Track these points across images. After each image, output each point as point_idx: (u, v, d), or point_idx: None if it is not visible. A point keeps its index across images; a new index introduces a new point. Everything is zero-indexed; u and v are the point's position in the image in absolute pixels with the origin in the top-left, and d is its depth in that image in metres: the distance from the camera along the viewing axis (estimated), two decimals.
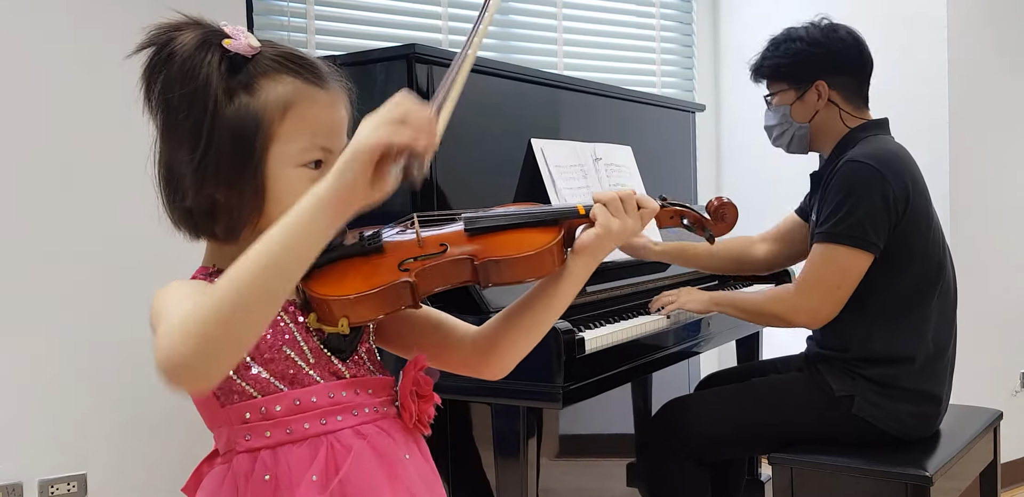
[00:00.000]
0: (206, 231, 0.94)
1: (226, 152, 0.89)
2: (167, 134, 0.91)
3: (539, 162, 1.99)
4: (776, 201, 3.26)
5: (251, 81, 0.90)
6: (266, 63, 0.92)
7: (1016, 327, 3.06)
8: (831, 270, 1.82)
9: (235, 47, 0.91)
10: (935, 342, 1.89)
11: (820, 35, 1.98)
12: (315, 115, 0.92)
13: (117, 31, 2.05)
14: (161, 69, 0.90)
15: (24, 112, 1.94)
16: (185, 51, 0.90)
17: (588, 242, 0.97)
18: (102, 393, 2.04)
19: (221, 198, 0.90)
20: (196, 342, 0.72)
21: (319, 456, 0.90)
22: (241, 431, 0.91)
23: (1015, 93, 3.03)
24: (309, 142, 0.91)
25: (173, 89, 0.89)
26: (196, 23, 0.93)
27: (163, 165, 0.93)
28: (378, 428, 0.95)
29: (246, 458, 0.91)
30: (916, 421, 1.88)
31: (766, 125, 2.11)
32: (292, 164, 0.91)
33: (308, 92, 0.92)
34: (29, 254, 1.95)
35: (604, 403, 2.27)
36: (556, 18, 3.04)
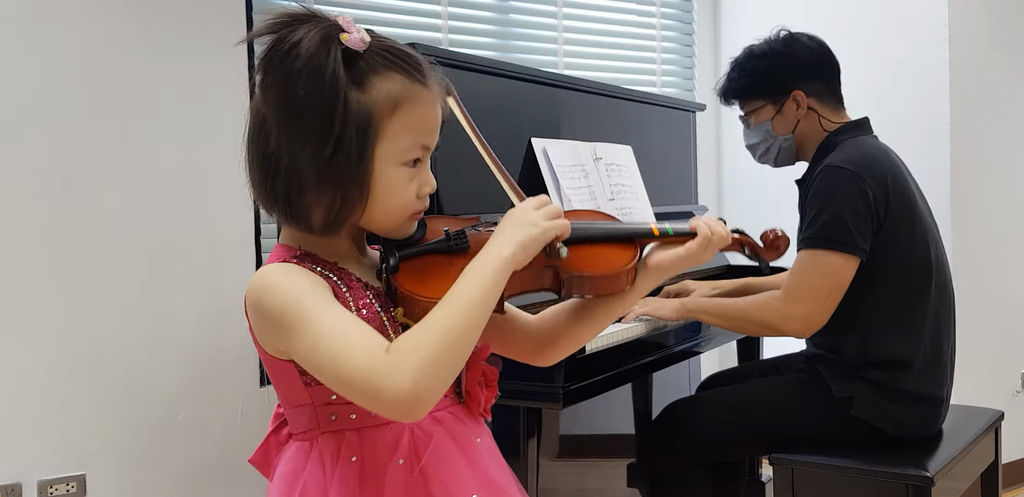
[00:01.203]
0: (303, 224, 0.94)
1: (351, 150, 0.89)
2: (286, 130, 0.90)
3: (539, 162, 1.99)
4: (776, 201, 3.25)
5: (362, 77, 0.90)
6: (377, 59, 0.91)
7: (1017, 327, 3.05)
8: (821, 276, 1.81)
9: (351, 42, 0.90)
10: (933, 343, 1.89)
11: (783, 47, 2.00)
12: (421, 114, 0.94)
13: (118, 28, 2.05)
14: (282, 62, 0.88)
15: (23, 112, 1.94)
16: (311, 46, 0.88)
17: (666, 262, 1.03)
18: (102, 393, 2.03)
19: (327, 195, 0.91)
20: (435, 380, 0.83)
21: (403, 440, 0.94)
22: (326, 411, 0.94)
23: (1016, 93, 3.02)
24: (413, 141, 0.94)
25: (297, 85, 0.88)
26: (315, 15, 0.91)
27: (266, 153, 0.92)
28: (450, 414, 0.99)
29: (331, 438, 0.94)
30: (916, 422, 1.87)
31: (748, 144, 2.12)
32: (396, 162, 0.93)
33: (414, 90, 0.93)
34: (29, 254, 1.94)
35: (604, 403, 2.27)
36: (556, 18, 3.04)
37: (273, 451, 1.02)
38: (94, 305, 2.02)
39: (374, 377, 0.81)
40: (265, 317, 0.89)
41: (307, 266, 0.93)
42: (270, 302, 0.88)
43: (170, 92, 2.11)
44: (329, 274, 0.94)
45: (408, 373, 0.81)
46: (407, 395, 0.81)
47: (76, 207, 2.00)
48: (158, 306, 2.11)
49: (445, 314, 0.85)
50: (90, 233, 2.02)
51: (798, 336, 1.89)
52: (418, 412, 0.83)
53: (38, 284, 1.96)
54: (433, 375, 0.82)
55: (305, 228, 0.94)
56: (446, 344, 0.83)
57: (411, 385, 0.81)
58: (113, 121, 2.04)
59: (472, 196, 1.85)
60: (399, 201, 0.94)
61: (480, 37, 2.87)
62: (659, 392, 2.48)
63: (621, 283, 1.01)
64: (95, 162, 2.02)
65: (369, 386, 0.81)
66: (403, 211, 0.96)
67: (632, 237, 1.03)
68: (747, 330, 2.01)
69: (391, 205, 0.94)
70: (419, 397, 0.81)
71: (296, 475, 0.95)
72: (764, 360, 2.47)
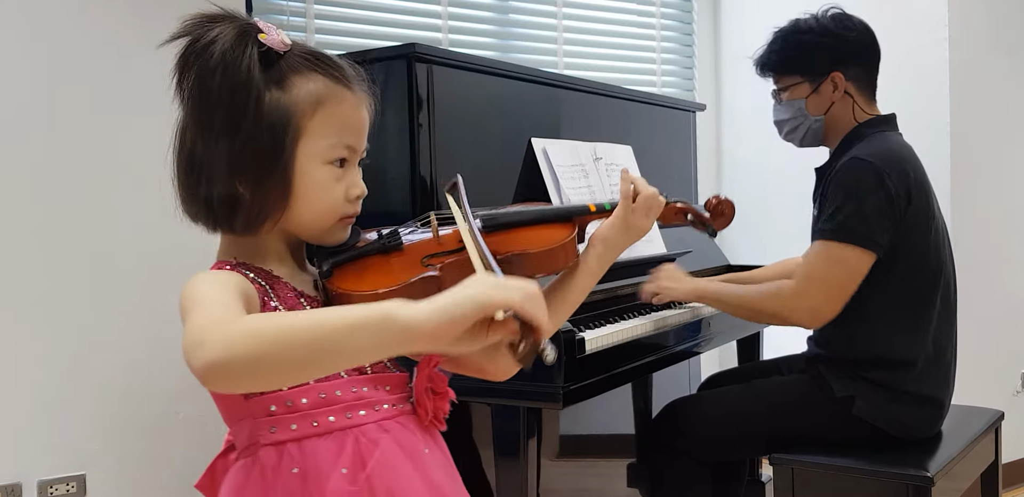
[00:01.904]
0: (225, 224, 0.94)
1: (262, 145, 0.90)
2: (199, 125, 0.91)
3: (539, 162, 1.99)
4: (776, 201, 3.26)
5: (283, 77, 0.91)
6: (297, 60, 0.93)
7: (1017, 327, 3.05)
8: (835, 268, 1.80)
9: (270, 42, 0.91)
10: (936, 345, 1.88)
11: (832, 25, 1.94)
12: (343, 113, 0.94)
13: (118, 28, 2.05)
14: (198, 58, 0.90)
15: (23, 113, 1.94)
16: (226, 42, 0.89)
17: (606, 235, 1.02)
18: (102, 393, 2.03)
19: (247, 192, 0.91)
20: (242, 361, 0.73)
21: (346, 449, 0.91)
22: (266, 424, 0.92)
23: (1017, 93, 3.02)
24: (337, 139, 0.94)
25: (212, 79, 0.89)
26: (232, 15, 0.93)
27: (188, 155, 0.94)
28: (399, 424, 0.97)
29: (272, 451, 0.92)
30: (917, 423, 1.87)
31: (776, 120, 2.06)
32: (320, 161, 0.93)
33: (337, 91, 0.94)
34: (29, 254, 1.94)
35: (604, 403, 2.27)
36: (556, 18, 3.04)
37: (220, 475, 1.00)
38: (94, 305, 2.02)
39: (199, 333, 0.76)
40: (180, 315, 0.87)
41: (238, 271, 0.92)
42: (182, 297, 0.87)
43: (170, 92, 2.11)
44: (261, 282, 0.93)
45: (214, 345, 0.73)
46: (202, 362, 0.73)
47: (76, 207, 2.00)
48: (158, 306, 2.11)
49: (289, 320, 0.76)
50: (90, 233, 2.01)
51: (806, 327, 1.88)
52: (211, 380, 0.74)
53: (38, 284, 1.96)
54: (241, 359, 0.72)
55: (228, 229, 0.94)
56: (268, 344, 0.73)
57: (217, 348, 0.73)
58: (113, 121, 2.04)
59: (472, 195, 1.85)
60: (326, 201, 0.94)
61: (480, 37, 2.87)
62: (659, 392, 2.48)
63: (559, 259, 1.01)
64: (95, 162, 2.02)
65: (188, 341, 0.76)
66: (331, 213, 0.95)
67: (570, 215, 1.04)
68: (755, 318, 1.97)
69: (317, 205, 0.94)
70: (214, 364, 0.72)
71: (237, 495, 0.93)
72: (765, 360, 2.47)
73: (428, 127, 1.77)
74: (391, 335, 0.73)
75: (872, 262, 1.80)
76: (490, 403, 1.63)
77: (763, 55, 2.02)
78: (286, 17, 2.41)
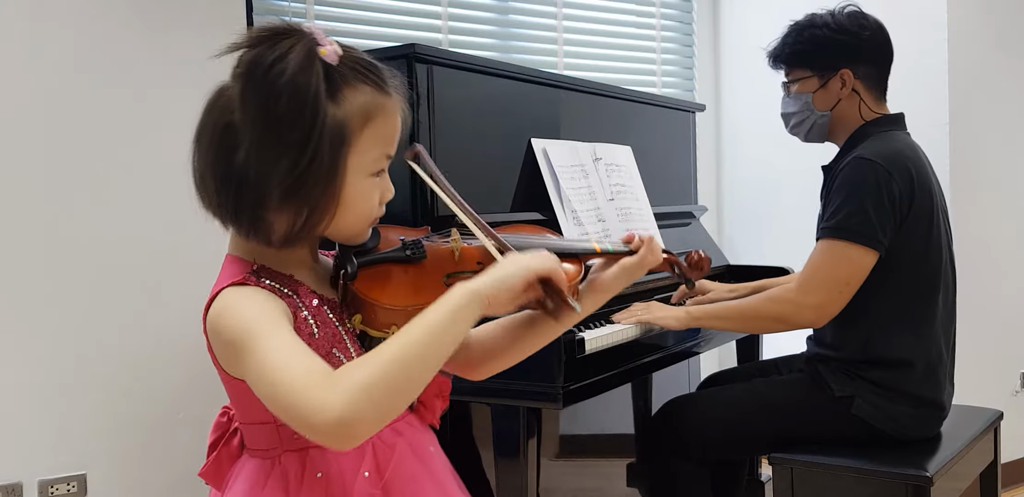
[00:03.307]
0: (263, 237, 0.92)
1: (322, 165, 0.88)
2: (260, 144, 0.88)
3: (539, 162, 1.99)
4: (776, 201, 3.26)
5: (336, 90, 0.90)
6: (347, 72, 0.91)
7: (1016, 327, 3.05)
8: (838, 266, 1.80)
9: (328, 56, 0.89)
10: (935, 346, 1.88)
11: (847, 22, 1.95)
12: (387, 125, 0.94)
13: (118, 29, 2.05)
14: (264, 77, 0.87)
15: (23, 114, 1.94)
16: (296, 62, 0.87)
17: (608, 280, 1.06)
18: (102, 393, 2.04)
19: (295, 210, 0.90)
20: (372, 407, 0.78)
21: (367, 454, 0.95)
22: (288, 430, 0.92)
23: (1015, 93, 3.03)
24: (381, 152, 0.94)
25: (279, 100, 0.86)
26: (297, 30, 0.90)
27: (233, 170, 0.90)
28: (407, 424, 1.01)
29: (294, 457, 0.94)
30: (916, 423, 1.87)
31: (783, 112, 2.07)
32: (365, 173, 0.93)
33: (381, 101, 0.93)
34: (29, 254, 1.95)
35: (604, 403, 2.27)
36: (556, 18, 3.04)
37: (226, 464, 1.00)
38: (94, 305, 2.02)
39: (306, 398, 0.77)
40: (220, 340, 0.88)
41: (265, 286, 0.91)
42: (226, 326, 0.87)
43: (170, 92, 2.11)
44: (285, 290, 0.93)
45: (340, 395, 0.76)
46: (334, 418, 0.75)
47: (76, 207, 2.00)
48: (159, 306, 2.11)
49: (397, 341, 0.82)
50: (90, 233, 2.02)
51: (812, 326, 1.88)
52: (348, 438, 0.78)
53: (38, 284, 1.96)
54: (369, 401, 0.77)
55: (264, 241, 0.93)
56: (391, 371, 0.79)
57: (341, 408, 0.75)
58: (113, 121, 2.05)
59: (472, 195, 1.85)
60: (363, 210, 0.95)
61: (480, 37, 2.87)
62: (659, 392, 2.48)
63: None
64: (95, 162, 2.02)
65: (301, 407, 0.77)
66: (367, 219, 0.97)
67: (577, 254, 1.06)
68: (759, 328, 1.97)
69: (358, 214, 0.95)
70: (348, 422, 0.76)
71: (255, 493, 0.95)
72: (764, 360, 2.47)
73: (428, 127, 1.78)
74: (479, 308, 0.87)
75: (875, 261, 1.80)
76: (490, 403, 1.63)
77: (776, 47, 2.03)
78: (286, 18, 2.41)
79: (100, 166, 2.03)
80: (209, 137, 0.92)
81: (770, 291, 1.91)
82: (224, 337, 0.87)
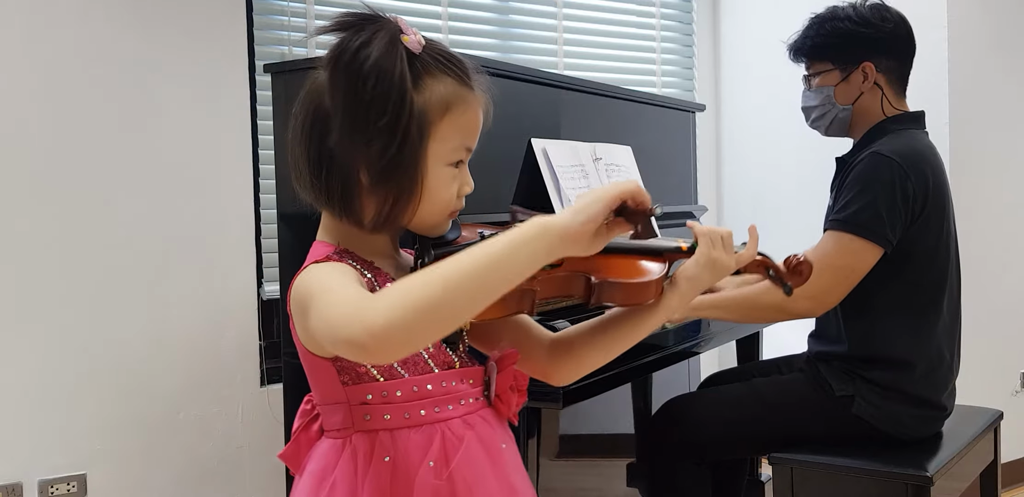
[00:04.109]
0: (354, 219, 0.96)
1: (407, 148, 0.91)
2: (351, 129, 0.91)
3: (539, 162, 1.99)
4: (776, 201, 3.26)
5: (418, 79, 0.92)
6: (430, 61, 0.94)
7: (1016, 327, 3.05)
8: (843, 258, 1.79)
9: (410, 44, 0.92)
10: (938, 347, 1.88)
11: (869, 15, 1.93)
12: (467, 117, 0.96)
13: (118, 29, 2.05)
14: (351, 61, 0.90)
15: (23, 113, 1.94)
16: (380, 47, 0.89)
17: (689, 271, 1.03)
18: (102, 393, 2.04)
19: (381, 192, 0.93)
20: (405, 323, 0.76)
21: (434, 443, 0.95)
22: (360, 411, 0.95)
23: (1015, 93, 3.03)
24: (460, 142, 0.96)
25: (365, 85, 0.89)
26: (381, 16, 0.93)
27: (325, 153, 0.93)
28: (481, 418, 1.00)
29: (364, 438, 0.95)
30: (917, 423, 1.87)
31: (804, 106, 2.05)
32: (443, 162, 0.95)
33: (462, 93, 0.96)
34: (29, 254, 1.95)
35: (604, 403, 2.27)
36: (556, 18, 3.04)
37: (304, 447, 1.03)
38: (95, 305, 2.02)
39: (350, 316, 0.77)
40: (296, 302, 0.90)
41: (346, 262, 0.94)
42: (303, 287, 0.89)
43: (171, 92, 2.11)
44: (366, 272, 0.96)
45: (379, 308, 0.76)
46: (366, 327, 0.75)
47: (77, 207, 2.00)
48: (160, 306, 2.11)
49: (449, 263, 0.79)
50: (90, 233, 2.02)
51: (809, 315, 1.86)
52: (385, 350, 0.77)
53: (39, 284, 1.96)
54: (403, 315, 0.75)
55: (356, 224, 0.96)
56: (431, 293, 0.77)
57: (375, 318, 0.75)
58: (114, 121, 2.05)
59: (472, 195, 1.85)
60: (443, 200, 0.97)
61: (480, 37, 2.87)
62: (659, 392, 2.48)
63: (649, 293, 1.02)
64: (96, 162, 2.02)
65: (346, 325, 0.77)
66: (445, 210, 0.98)
67: (662, 252, 1.05)
68: (758, 317, 1.96)
69: (437, 204, 0.96)
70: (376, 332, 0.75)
71: (326, 472, 0.97)
72: (765, 360, 2.47)
73: None
74: (550, 242, 0.83)
75: (879, 257, 1.80)
76: None
77: (797, 40, 2.01)
78: (286, 18, 2.41)
79: (100, 166, 2.03)
80: (301, 123, 0.96)
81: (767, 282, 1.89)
82: (299, 297, 0.89)
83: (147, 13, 2.08)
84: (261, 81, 2.26)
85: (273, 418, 2.18)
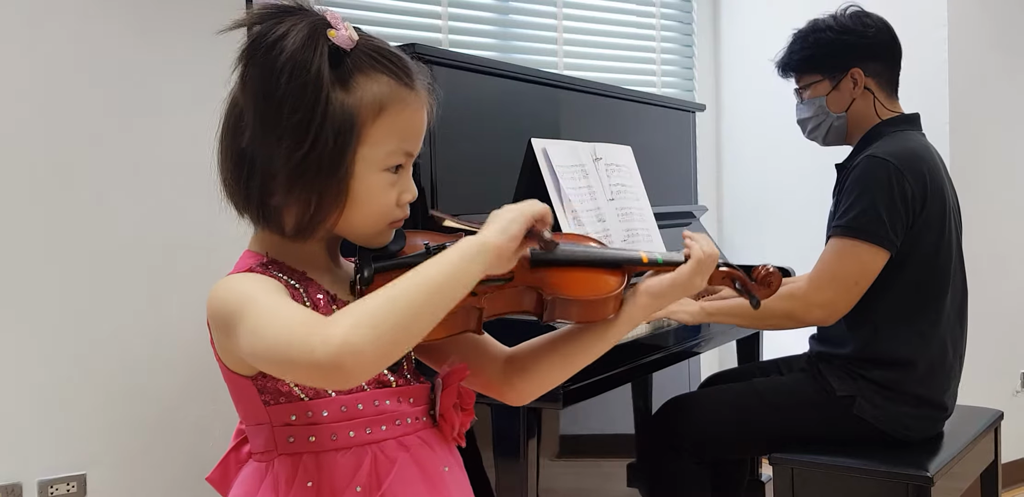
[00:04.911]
0: (275, 227, 0.91)
1: (325, 150, 0.85)
2: (262, 126, 0.86)
3: (539, 162, 1.99)
4: (776, 201, 3.26)
5: (348, 76, 0.87)
6: (363, 58, 0.88)
7: (1017, 327, 3.05)
8: (850, 265, 1.80)
9: (338, 40, 0.86)
10: (940, 349, 1.88)
11: (849, 22, 1.95)
12: (405, 119, 0.90)
13: (117, 30, 2.05)
14: (266, 54, 0.85)
15: (23, 113, 1.94)
16: (296, 41, 0.84)
17: (659, 287, 0.97)
18: (102, 393, 2.04)
19: (303, 197, 0.87)
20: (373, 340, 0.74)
21: (363, 467, 0.89)
22: (284, 433, 0.90)
23: (1015, 93, 3.03)
24: (396, 146, 0.90)
25: (279, 79, 0.84)
26: (304, 9, 0.88)
27: (240, 149, 0.89)
28: (419, 439, 0.94)
29: (287, 461, 0.90)
30: (917, 424, 1.87)
31: (799, 119, 2.07)
32: (378, 168, 0.89)
33: (401, 94, 0.89)
34: (29, 254, 1.95)
35: (604, 403, 2.27)
36: (556, 18, 3.04)
37: (232, 469, 0.98)
38: (94, 305, 2.02)
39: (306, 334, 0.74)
40: (216, 317, 0.85)
41: (270, 273, 0.89)
42: (220, 301, 0.84)
43: (170, 91, 2.11)
44: (294, 283, 0.90)
45: (341, 328, 0.73)
46: (335, 348, 0.72)
47: (76, 207, 2.00)
48: (159, 306, 2.11)
49: (400, 283, 0.78)
50: (90, 233, 2.02)
51: (822, 324, 1.87)
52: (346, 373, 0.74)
53: (38, 284, 1.96)
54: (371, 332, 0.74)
55: (277, 231, 0.90)
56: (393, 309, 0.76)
57: (342, 337, 0.73)
58: (113, 120, 2.05)
59: (472, 195, 1.86)
60: (378, 207, 0.91)
61: (480, 37, 2.87)
62: (659, 392, 2.48)
63: (606, 310, 0.97)
64: (95, 162, 2.02)
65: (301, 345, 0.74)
66: (382, 218, 0.92)
67: (620, 263, 0.98)
68: (770, 325, 1.97)
69: (370, 211, 0.90)
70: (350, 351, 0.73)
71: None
72: (765, 360, 2.47)
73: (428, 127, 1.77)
74: (488, 258, 0.83)
75: (886, 259, 1.80)
76: (490, 403, 1.62)
77: (784, 56, 2.04)
78: None
79: (100, 166, 2.03)
80: (224, 120, 0.92)
81: (781, 289, 1.89)
82: (219, 314, 0.84)
83: (147, 13, 2.08)
84: None
85: None
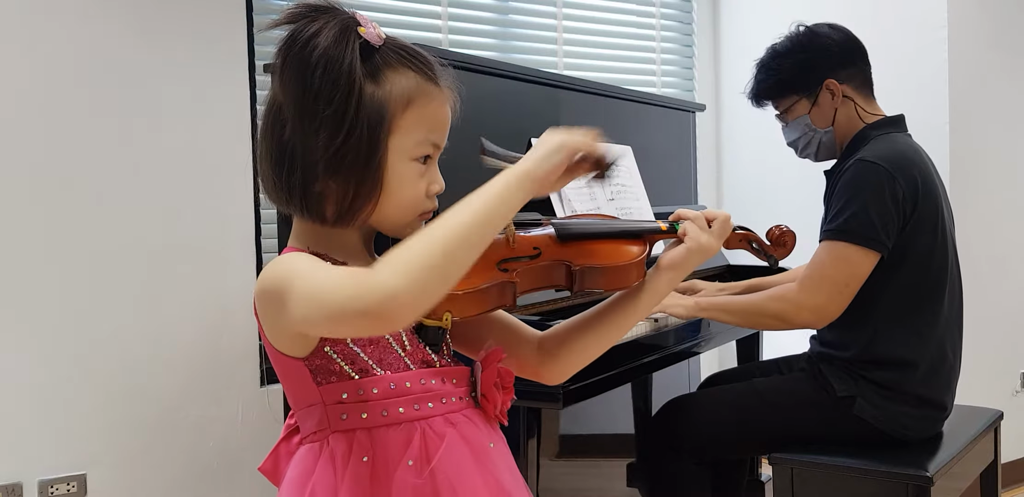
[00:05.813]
0: (316, 215, 0.95)
1: (360, 140, 0.91)
2: (301, 119, 0.91)
3: None
4: (776, 201, 3.26)
5: (377, 71, 0.93)
6: (391, 55, 0.94)
7: (1016, 327, 3.05)
8: (839, 268, 1.80)
9: (368, 36, 0.92)
10: (939, 349, 1.88)
11: (806, 40, 1.98)
12: (432, 111, 0.96)
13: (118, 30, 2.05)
14: (300, 51, 0.90)
15: (24, 112, 1.94)
16: (329, 37, 0.90)
17: (677, 257, 1.04)
18: (102, 393, 2.04)
19: (341, 186, 0.92)
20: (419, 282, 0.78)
21: (414, 442, 0.93)
22: (337, 411, 0.94)
23: (1015, 93, 3.03)
24: (424, 137, 0.96)
25: (313, 74, 0.90)
26: (335, 8, 0.94)
27: (279, 144, 0.94)
28: (465, 417, 0.98)
29: (341, 438, 0.93)
30: (917, 424, 1.87)
31: (789, 141, 2.08)
32: (408, 157, 0.95)
33: (426, 88, 0.96)
34: (29, 254, 1.94)
35: (604, 403, 2.27)
36: (556, 18, 3.04)
37: (283, 459, 1.02)
38: (94, 305, 2.02)
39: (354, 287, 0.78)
40: (266, 294, 0.89)
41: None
42: (270, 277, 0.88)
43: (170, 92, 2.11)
44: None
45: (387, 273, 0.78)
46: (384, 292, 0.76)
47: (76, 207, 2.00)
48: (159, 306, 2.11)
49: (442, 222, 0.82)
50: (90, 233, 2.02)
51: (811, 327, 1.88)
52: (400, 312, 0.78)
53: (38, 284, 1.96)
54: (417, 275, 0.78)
55: (319, 219, 0.95)
56: (436, 250, 0.80)
57: (389, 281, 0.77)
58: (113, 121, 2.05)
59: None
60: (409, 197, 0.96)
61: (480, 37, 2.87)
62: (659, 392, 2.48)
63: (630, 276, 1.02)
64: (95, 162, 2.02)
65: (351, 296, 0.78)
66: (413, 208, 0.97)
67: (641, 233, 1.05)
68: (761, 324, 1.98)
69: (402, 200, 0.96)
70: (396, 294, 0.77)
71: (305, 478, 0.95)
72: (765, 360, 2.47)
73: None
74: (529, 187, 0.88)
75: (876, 262, 1.80)
76: None
77: (753, 87, 2.06)
78: None
79: (101, 166, 2.03)
80: (264, 118, 0.97)
81: (774, 289, 1.91)
82: (269, 288, 0.87)
83: (147, 13, 2.08)
84: (261, 81, 2.26)
85: (273, 418, 2.18)
